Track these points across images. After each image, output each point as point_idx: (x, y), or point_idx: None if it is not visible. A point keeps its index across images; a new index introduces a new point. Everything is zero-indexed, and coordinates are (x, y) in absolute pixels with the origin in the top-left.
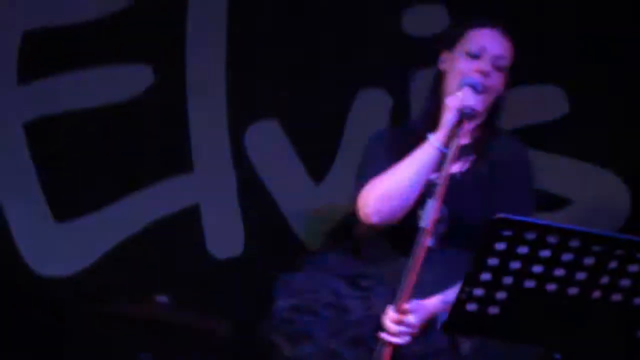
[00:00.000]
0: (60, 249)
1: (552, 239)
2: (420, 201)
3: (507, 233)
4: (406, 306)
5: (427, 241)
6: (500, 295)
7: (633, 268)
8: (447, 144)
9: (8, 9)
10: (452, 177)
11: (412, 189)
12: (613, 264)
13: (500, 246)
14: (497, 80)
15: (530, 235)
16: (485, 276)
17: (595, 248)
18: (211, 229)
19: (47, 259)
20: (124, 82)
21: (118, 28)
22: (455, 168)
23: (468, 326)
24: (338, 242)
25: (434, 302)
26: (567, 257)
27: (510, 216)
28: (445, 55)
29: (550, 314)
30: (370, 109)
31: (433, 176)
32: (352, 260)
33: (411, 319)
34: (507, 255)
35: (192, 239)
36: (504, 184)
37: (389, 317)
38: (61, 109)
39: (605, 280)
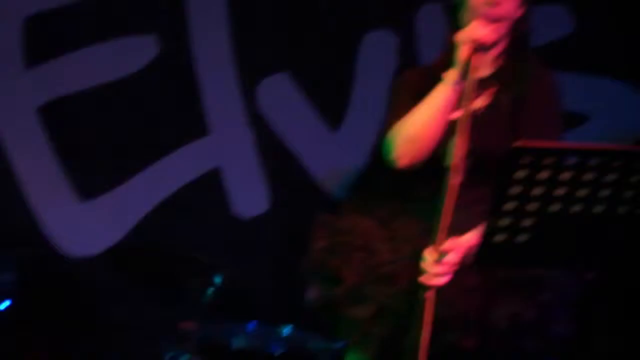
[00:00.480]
0: (87, 227)
1: (570, 161)
2: (447, 139)
3: (525, 160)
4: (445, 245)
5: (456, 179)
6: (527, 222)
7: None
8: (463, 79)
9: None
10: (477, 112)
11: (434, 130)
12: (635, 178)
13: (520, 174)
14: (509, 7)
15: (549, 160)
16: (510, 205)
17: (615, 163)
18: (235, 190)
19: (76, 239)
20: (130, 55)
21: (117, 1)
22: (480, 102)
23: (499, 257)
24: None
25: (469, 238)
26: (588, 176)
27: (526, 143)
28: None
29: (578, 235)
30: (377, 51)
31: (457, 113)
32: (387, 198)
33: (451, 257)
34: (528, 182)
35: (217, 202)
36: (529, 113)
37: (429, 258)
38: (72, 89)
39: (629, 194)
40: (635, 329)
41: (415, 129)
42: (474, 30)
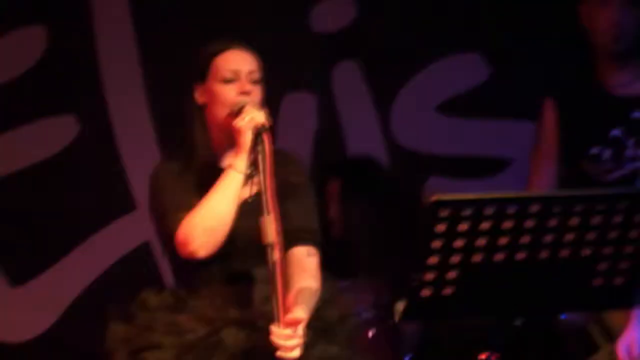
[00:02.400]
0: (21, 313)
1: (489, 210)
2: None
3: (444, 213)
4: (291, 319)
5: (276, 254)
6: (452, 274)
7: (573, 222)
8: (250, 164)
9: None
10: (245, 202)
11: (231, 218)
12: (553, 222)
13: (440, 227)
14: (257, 94)
15: (468, 211)
16: (433, 259)
17: (533, 209)
18: (166, 262)
19: (8, 325)
20: (52, 135)
21: (34, 85)
22: (245, 192)
23: (426, 312)
24: None
25: (300, 310)
26: (507, 224)
27: (444, 196)
28: (199, 88)
29: (504, 283)
30: (297, 112)
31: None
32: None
33: (300, 329)
34: (449, 235)
35: (149, 276)
36: (287, 198)
37: (280, 334)
38: None
39: (549, 238)
40: None
41: (215, 220)
42: (255, 115)
